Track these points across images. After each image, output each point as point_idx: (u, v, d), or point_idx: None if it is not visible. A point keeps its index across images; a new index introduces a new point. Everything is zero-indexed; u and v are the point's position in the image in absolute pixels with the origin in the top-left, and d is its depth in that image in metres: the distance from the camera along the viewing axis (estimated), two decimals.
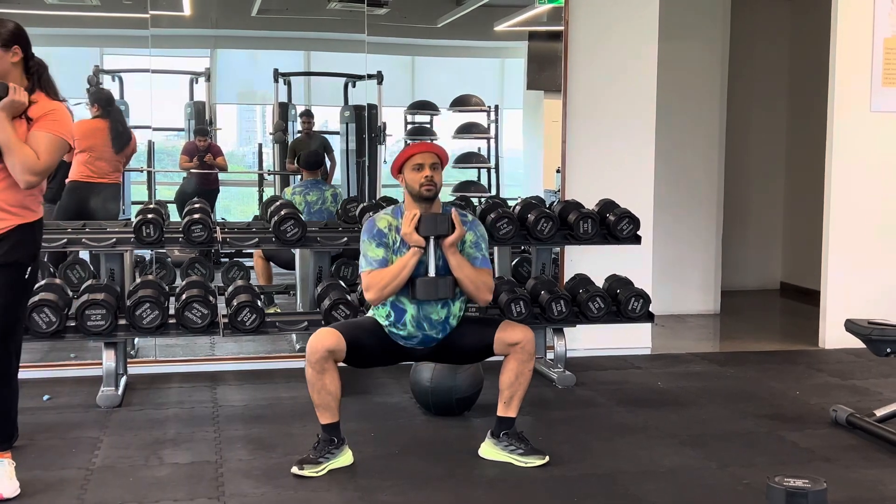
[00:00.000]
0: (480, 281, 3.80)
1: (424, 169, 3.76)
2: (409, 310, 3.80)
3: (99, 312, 4.51)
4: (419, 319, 3.80)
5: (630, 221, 5.16)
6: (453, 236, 3.73)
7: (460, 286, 3.79)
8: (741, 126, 8.28)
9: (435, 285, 3.74)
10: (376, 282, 3.73)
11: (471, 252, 3.85)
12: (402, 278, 3.72)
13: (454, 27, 6.80)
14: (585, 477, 3.69)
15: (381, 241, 3.80)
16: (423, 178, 3.76)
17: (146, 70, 5.85)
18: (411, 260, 3.72)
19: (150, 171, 6.19)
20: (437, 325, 3.83)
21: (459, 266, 3.76)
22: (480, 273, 3.81)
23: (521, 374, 3.80)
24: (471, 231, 3.88)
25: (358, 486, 3.55)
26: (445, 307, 3.83)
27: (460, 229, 3.75)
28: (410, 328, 3.81)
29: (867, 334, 4.25)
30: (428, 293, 3.74)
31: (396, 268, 3.73)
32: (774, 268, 8.73)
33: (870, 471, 3.78)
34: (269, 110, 6.83)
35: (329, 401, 3.70)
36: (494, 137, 6.85)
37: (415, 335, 3.83)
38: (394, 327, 3.83)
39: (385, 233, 3.82)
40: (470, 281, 3.77)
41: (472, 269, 3.79)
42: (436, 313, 3.81)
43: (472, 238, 3.88)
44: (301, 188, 6.17)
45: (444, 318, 3.84)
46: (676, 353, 6.06)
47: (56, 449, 3.97)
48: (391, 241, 3.81)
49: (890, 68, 6.19)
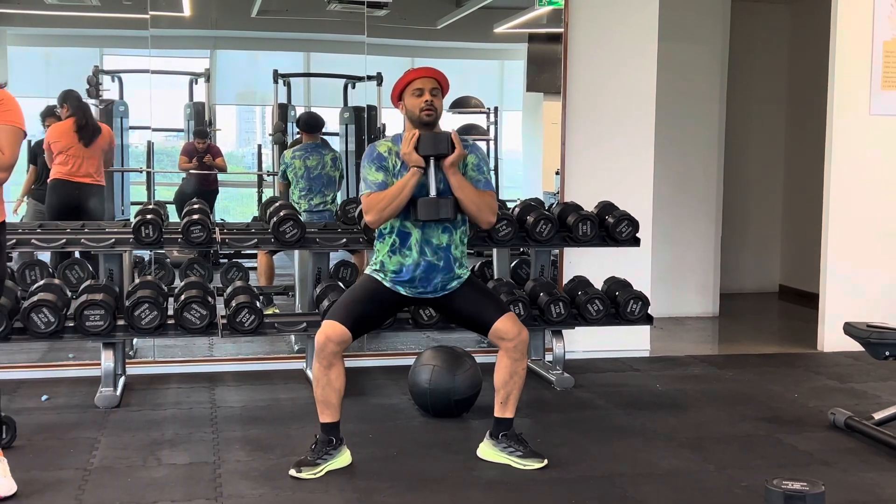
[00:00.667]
0: (483, 202, 3.75)
1: (424, 94, 3.73)
2: (414, 233, 3.74)
3: (98, 313, 4.51)
4: (422, 244, 3.75)
5: (629, 224, 5.16)
6: (454, 156, 3.67)
7: (462, 207, 3.74)
8: (740, 129, 8.29)
9: (436, 205, 3.67)
10: (376, 202, 3.68)
11: (473, 175, 3.80)
12: (401, 199, 3.66)
13: (454, 29, 6.80)
14: (583, 479, 3.69)
15: (381, 164, 3.76)
16: (423, 103, 3.72)
17: (146, 71, 5.85)
18: (411, 180, 3.66)
19: (149, 172, 6.19)
20: (439, 251, 3.76)
21: (461, 186, 3.71)
22: (483, 194, 3.76)
23: (515, 372, 3.79)
24: (472, 153, 3.83)
25: (356, 488, 3.55)
26: (447, 232, 3.77)
27: (460, 149, 3.69)
28: (415, 254, 3.74)
29: (866, 337, 4.25)
30: (429, 213, 3.67)
31: (396, 188, 3.68)
32: (773, 270, 8.73)
33: (868, 474, 3.78)
34: (269, 111, 6.83)
35: (332, 397, 3.69)
36: (494, 139, 6.86)
37: (419, 263, 3.75)
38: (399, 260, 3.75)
39: (385, 157, 3.78)
40: (471, 201, 3.72)
41: (473, 190, 3.74)
42: (436, 237, 3.76)
43: (474, 160, 3.83)
44: (301, 152, 6.11)
45: (446, 246, 3.77)
46: (675, 355, 6.06)
47: (54, 449, 3.96)
48: (391, 165, 3.76)
49: (889, 72, 6.20)
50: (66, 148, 5.90)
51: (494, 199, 3.84)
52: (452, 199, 3.71)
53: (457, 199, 3.72)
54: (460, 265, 3.85)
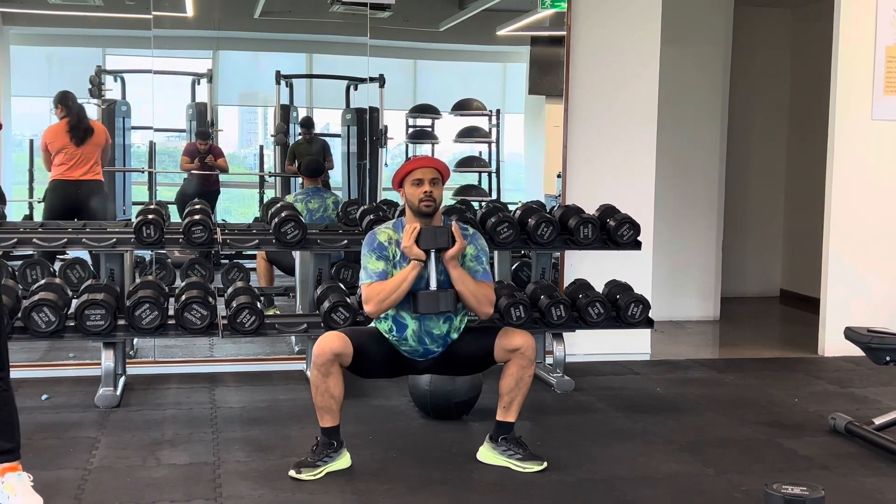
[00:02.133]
0: (482, 294, 3.79)
1: (424, 184, 3.76)
2: (411, 325, 3.80)
3: (98, 312, 4.51)
4: (420, 334, 3.80)
5: (630, 227, 5.16)
6: (454, 249, 3.72)
7: (462, 299, 3.79)
8: (742, 133, 8.29)
9: (436, 299, 3.73)
10: (375, 294, 3.73)
11: (471, 265, 3.85)
12: (401, 291, 3.71)
13: (456, 31, 6.80)
14: (583, 482, 3.68)
15: (382, 254, 3.80)
16: (423, 194, 3.75)
17: (148, 71, 5.86)
18: (411, 273, 3.71)
19: (150, 172, 6.19)
20: (439, 340, 3.83)
21: (461, 279, 3.75)
22: (481, 286, 3.81)
23: (521, 379, 3.80)
24: (471, 244, 3.88)
25: (355, 490, 3.55)
26: (447, 322, 3.83)
27: (461, 242, 3.75)
28: (412, 343, 3.82)
29: (866, 342, 4.25)
30: (429, 307, 3.73)
31: (396, 280, 3.73)
32: (774, 275, 8.73)
33: (868, 479, 3.78)
34: (271, 112, 6.83)
35: (331, 404, 3.70)
36: (496, 141, 6.86)
37: (416, 349, 3.83)
38: (396, 341, 3.84)
39: (385, 246, 3.82)
40: (471, 294, 3.77)
41: (473, 283, 3.78)
42: (437, 328, 3.82)
43: (473, 251, 3.87)
44: (303, 196, 6.19)
45: (446, 333, 3.84)
46: (675, 359, 6.06)
47: (54, 449, 3.96)
48: (391, 255, 3.81)
49: (892, 77, 6.19)
50: (61, 148, 5.93)
51: (492, 289, 3.87)
52: (453, 292, 3.76)
53: (455, 283, 3.75)
54: (457, 333, 3.90)
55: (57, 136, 5.97)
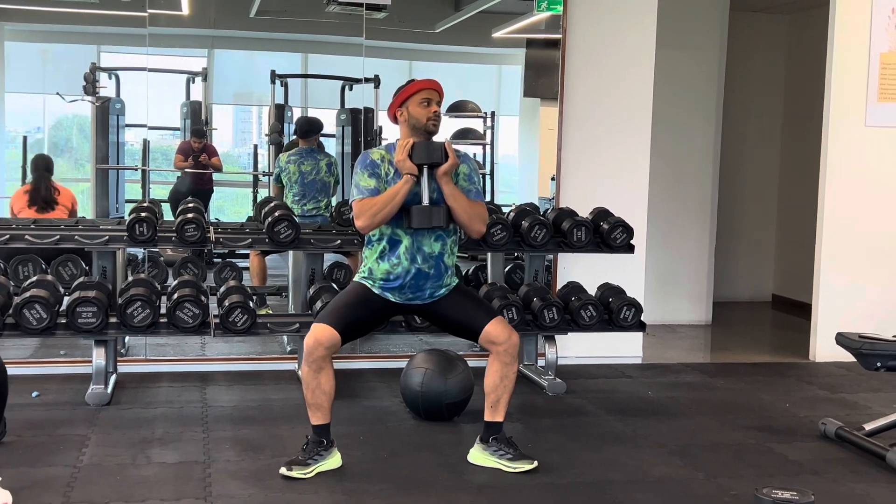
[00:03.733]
0: (474, 211, 3.78)
1: (432, 105, 3.78)
2: (404, 241, 3.76)
3: (90, 310, 4.50)
4: (413, 251, 3.76)
5: (624, 230, 5.17)
6: (447, 165, 3.71)
7: (454, 216, 3.76)
8: (736, 138, 8.31)
9: (429, 213, 3.70)
10: (367, 208, 3.69)
11: (464, 185, 3.82)
12: (393, 205, 3.68)
13: (452, 33, 6.80)
14: (574, 485, 3.69)
15: (374, 171, 3.77)
16: (432, 114, 3.77)
17: (143, 69, 5.85)
18: (404, 187, 3.68)
19: (144, 170, 6.18)
20: (430, 259, 3.78)
21: (453, 195, 3.73)
22: (474, 204, 3.79)
23: (506, 376, 3.79)
24: (464, 163, 3.86)
25: (346, 490, 3.55)
26: (439, 240, 3.79)
27: (454, 158, 3.73)
28: (405, 261, 3.76)
29: (857, 348, 4.26)
30: (422, 221, 3.70)
31: (389, 194, 3.70)
32: (766, 280, 8.75)
33: (858, 485, 3.79)
34: (266, 112, 6.82)
35: (323, 400, 3.69)
36: (490, 143, 6.85)
37: (408, 270, 3.76)
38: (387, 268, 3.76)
39: (378, 163, 3.79)
40: (463, 210, 3.75)
41: (465, 199, 3.76)
42: (429, 245, 3.77)
43: (466, 170, 3.85)
44: (296, 156, 6.11)
45: (438, 254, 3.79)
46: (667, 362, 6.07)
47: (43, 446, 3.95)
48: (383, 172, 3.78)
49: (886, 83, 6.21)
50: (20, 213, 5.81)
51: (485, 209, 3.86)
52: (445, 208, 3.74)
53: (449, 207, 3.74)
54: (451, 274, 3.87)
55: (18, 200, 5.89)
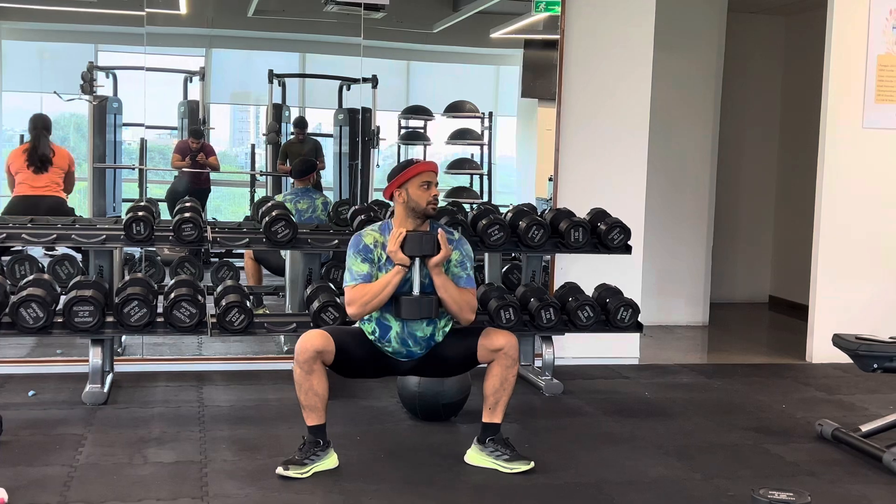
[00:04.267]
0: (464, 301, 3.80)
1: (432, 188, 3.78)
2: (395, 327, 3.81)
3: (87, 309, 4.49)
4: (404, 336, 3.81)
5: (621, 231, 5.17)
6: (438, 257, 3.73)
7: (444, 306, 3.80)
8: (733, 139, 8.31)
9: (419, 304, 3.74)
10: (359, 297, 3.73)
11: (455, 271, 3.86)
12: (384, 295, 3.72)
13: (450, 33, 6.80)
14: (571, 485, 3.69)
15: (367, 256, 3.81)
16: (432, 198, 3.78)
17: (140, 68, 5.84)
18: (395, 278, 3.72)
19: (141, 169, 6.18)
20: (422, 342, 3.84)
21: (444, 286, 3.76)
22: (464, 293, 3.81)
23: (506, 379, 3.80)
24: (457, 249, 3.88)
25: (342, 490, 3.54)
26: (431, 324, 3.84)
27: (446, 250, 3.75)
28: (395, 345, 3.82)
29: (854, 349, 4.26)
30: (411, 312, 3.74)
31: (379, 284, 3.73)
32: (763, 281, 8.76)
33: (854, 486, 3.79)
34: (263, 111, 6.81)
35: (316, 402, 3.70)
36: (488, 144, 6.85)
37: (399, 351, 3.84)
38: (379, 342, 3.85)
39: (371, 248, 3.82)
40: (453, 301, 3.77)
41: (455, 290, 3.79)
42: (421, 330, 3.82)
43: (458, 257, 3.88)
44: (292, 196, 6.19)
45: (430, 335, 3.85)
46: (664, 363, 6.07)
47: (40, 445, 3.95)
48: (376, 257, 3.81)
49: (883, 85, 6.22)
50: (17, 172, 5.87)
51: (475, 296, 3.87)
52: (435, 299, 3.77)
53: (437, 289, 3.76)
54: (442, 335, 3.90)
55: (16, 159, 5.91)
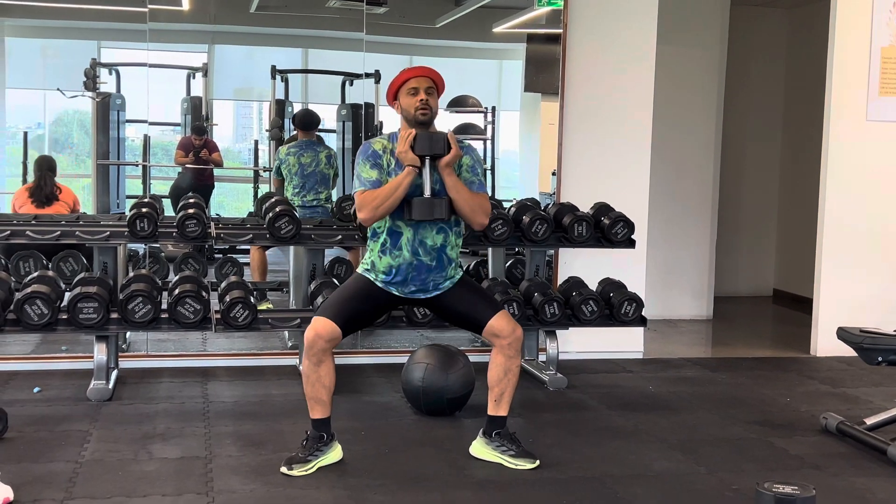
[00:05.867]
0: (476, 203, 3.74)
1: (419, 93, 3.73)
2: (406, 233, 3.73)
3: (91, 305, 4.50)
4: (415, 245, 3.73)
5: (625, 225, 5.16)
6: (450, 156, 3.67)
7: (456, 208, 3.73)
8: (737, 132, 8.30)
9: (430, 205, 3.66)
10: (370, 200, 3.66)
11: (467, 176, 3.79)
12: (395, 197, 3.65)
13: (453, 28, 6.79)
14: (575, 479, 3.69)
15: (376, 161, 3.74)
16: (419, 102, 3.72)
17: (143, 64, 5.84)
18: (406, 179, 3.65)
19: (144, 166, 6.18)
20: (433, 252, 3.75)
21: (455, 187, 3.70)
22: (476, 196, 3.76)
23: (509, 370, 3.79)
24: (467, 154, 3.82)
25: (347, 485, 3.55)
26: (441, 233, 3.76)
27: (456, 149, 3.69)
28: (406, 253, 3.73)
29: (859, 342, 4.26)
30: (423, 213, 3.66)
31: (390, 187, 3.66)
32: (767, 274, 8.75)
33: (859, 479, 3.79)
34: (266, 107, 6.81)
35: (322, 394, 3.69)
36: (491, 139, 6.85)
37: (410, 262, 3.73)
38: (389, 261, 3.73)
39: (380, 154, 3.76)
40: (466, 202, 3.71)
41: (468, 191, 3.73)
42: (431, 238, 3.74)
43: (469, 162, 3.82)
44: (296, 149, 6.11)
45: (440, 246, 3.76)
46: (668, 357, 6.07)
47: (45, 441, 3.96)
48: (385, 163, 3.75)
49: (887, 77, 6.20)
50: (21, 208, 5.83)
51: (487, 200, 3.82)
52: (447, 200, 3.70)
53: (451, 199, 3.71)
54: (454, 266, 3.85)
55: (19, 197, 5.91)
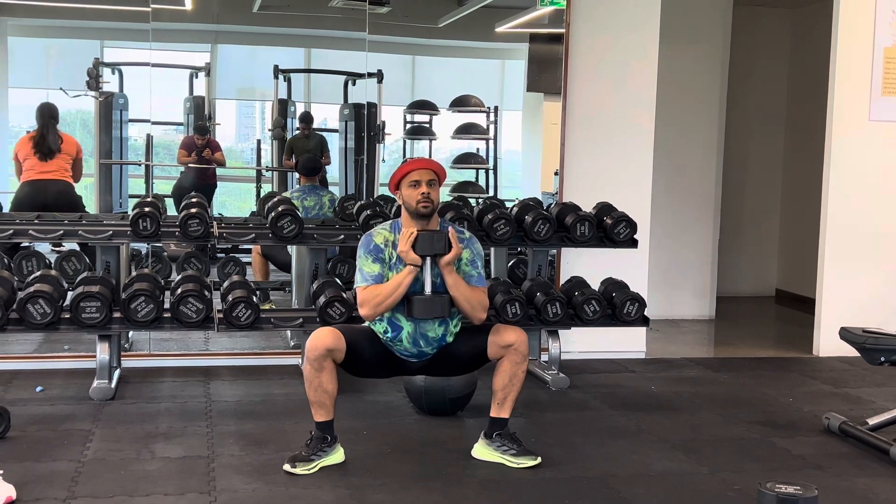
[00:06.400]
0: (476, 300, 3.80)
1: (421, 186, 3.76)
2: (406, 327, 3.80)
3: (94, 305, 4.50)
4: (415, 336, 3.81)
5: (627, 225, 5.16)
6: (450, 255, 3.73)
7: (456, 305, 3.80)
8: (739, 132, 8.30)
9: (431, 304, 3.74)
10: (371, 298, 3.73)
11: (467, 270, 3.86)
12: (396, 296, 3.72)
13: (455, 27, 6.79)
14: (577, 479, 3.69)
15: (378, 256, 3.80)
16: (420, 196, 3.75)
17: (146, 64, 5.85)
18: (407, 278, 3.71)
19: (147, 165, 6.19)
20: (434, 342, 3.84)
21: (455, 285, 3.76)
22: (475, 291, 3.81)
23: (515, 375, 3.81)
24: (467, 248, 3.88)
25: (349, 485, 3.55)
26: (443, 325, 3.83)
27: (457, 248, 3.75)
28: (407, 344, 3.82)
29: (861, 343, 4.25)
30: (424, 312, 3.74)
31: (392, 285, 3.73)
32: (770, 274, 8.74)
33: (861, 479, 3.79)
34: (269, 107, 6.82)
35: (325, 399, 3.71)
36: (493, 138, 6.85)
37: (411, 351, 3.84)
38: (391, 342, 3.85)
39: (382, 248, 3.82)
40: (465, 300, 3.77)
41: (467, 288, 3.79)
42: (433, 331, 3.82)
43: (469, 256, 3.88)
44: (299, 193, 6.20)
45: (441, 336, 3.85)
46: (670, 357, 6.07)
47: (48, 441, 3.96)
48: (387, 257, 3.81)
49: (890, 77, 6.20)
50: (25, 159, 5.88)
51: (486, 295, 3.87)
52: (447, 298, 3.76)
53: (449, 288, 3.75)
54: (452, 337, 3.90)
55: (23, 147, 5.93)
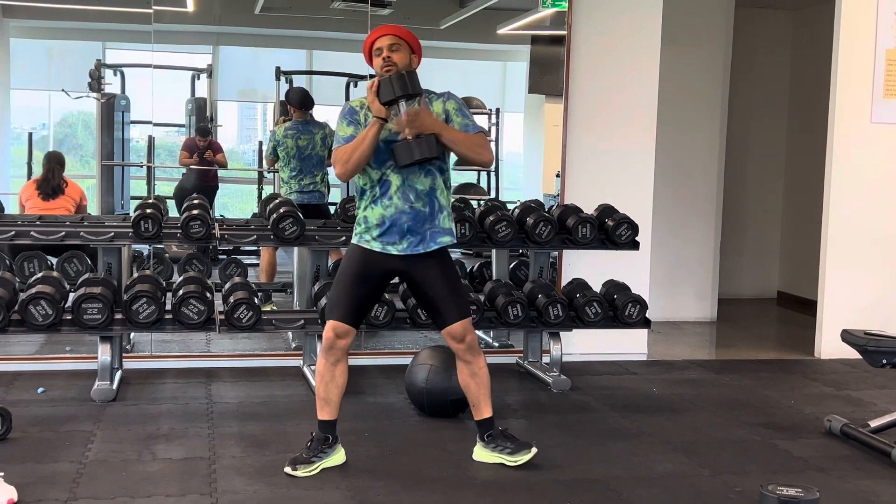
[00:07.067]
0: (473, 142, 3.70)
1: (383, 52, 3.71)
2: (395, 181, 3.70)
3: (95, 306, 4.51)
4: (405, 190, 3.70)
5: (629, 227, 5.16)
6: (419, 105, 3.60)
7: (460, 156, 3.69)
8: (741, 134, 8.29)
9: (410, 147, 3.60)
10: (340, 155, 3.66)
11: (459, 120, 3.75)
12: (363, 148, 3.62)
13: (457, 29, 6.80)
14: (578, 481, 3.69)
15: (353, 118, 3.75)
16: (382, 61, 3.70)
17: (148, 65, 5.85)
18: (371, 130, 3.61)
19: (149, 167, 6.19)
20: (424, 197, 3.72)
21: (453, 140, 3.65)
22: (471, 136, 3.71)
23: (474, 373, 3.80)
24: (450, 100, 3.79)
25: (350, 486, 3.55)
26: (429, 176, 3.73)
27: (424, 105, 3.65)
28: (397, 201, 3.70)
29: (863, 345, 4.25)
30: (404, 157, 3.61)
31: (357, 140, 3.65)
32: (771, 277, 8.74)
33: (863, 481, 3.78)
34: (270, 108, 6.83)
35: (334, 394, 3.71)
36: (495, 140, 6.86)
37: (403, 210, 3.69)
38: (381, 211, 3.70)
39: (356, 111, 3.77)
40: (467, 147, 3.68)
41: (464, 136, 3.69)
42: (420, 182, 3.71)
43: (454, 105, 3.78)
44: (293, 130, 6.11)
45: (430, 189, 3.73)
46: (672, 359, 6.07)
47: (49, 442, 3.96)
48: (362, 118, 3.75)
49: (891, 80, 6.20)
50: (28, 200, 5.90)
51: (485, 138, 3.77)
52: (431, 138, 3.63)
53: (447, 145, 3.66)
54: (446, 216, 3.79)
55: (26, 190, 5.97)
